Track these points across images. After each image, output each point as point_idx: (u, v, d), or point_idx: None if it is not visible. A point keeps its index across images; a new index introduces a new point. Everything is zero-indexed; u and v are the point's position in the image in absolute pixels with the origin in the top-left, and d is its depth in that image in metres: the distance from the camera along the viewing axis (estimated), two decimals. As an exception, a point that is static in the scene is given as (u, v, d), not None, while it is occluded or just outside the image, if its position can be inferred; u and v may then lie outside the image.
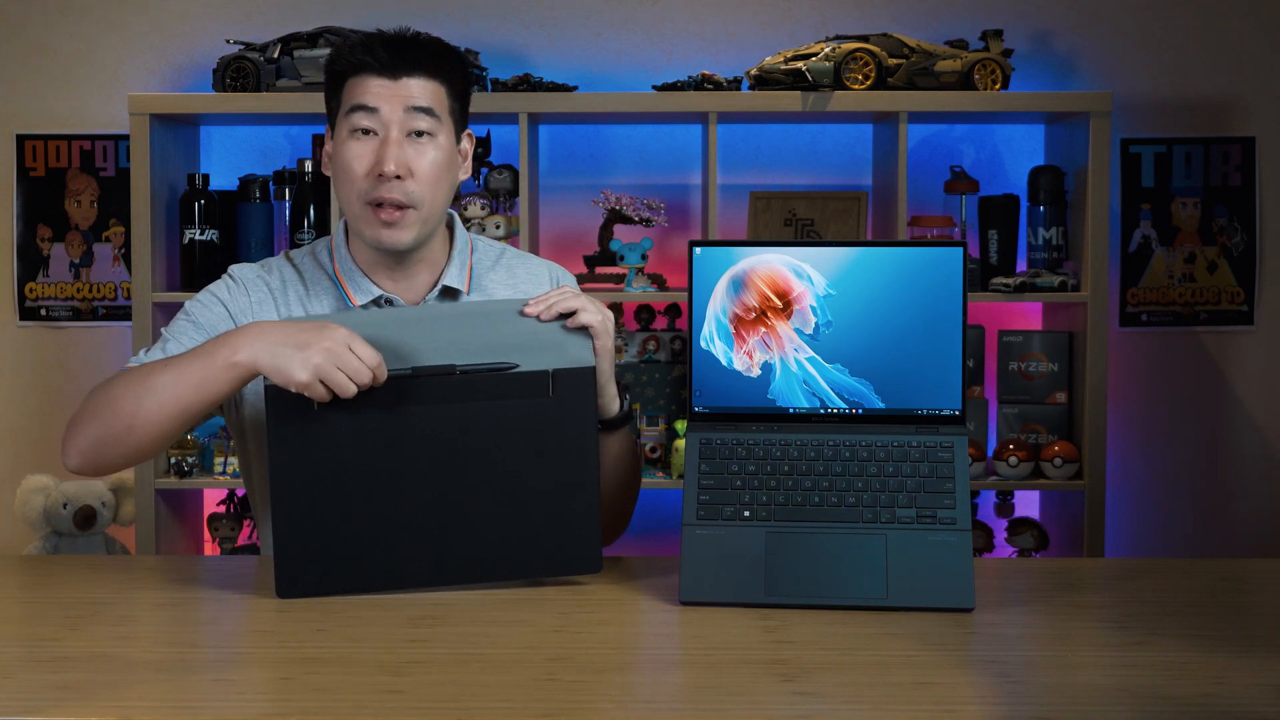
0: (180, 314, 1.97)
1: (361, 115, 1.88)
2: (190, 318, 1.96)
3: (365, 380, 1.68)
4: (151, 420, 1.76)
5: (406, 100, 1.88)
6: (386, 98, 1.88)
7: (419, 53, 1.90)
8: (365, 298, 1.95)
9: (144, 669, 1.47)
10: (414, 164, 1.89)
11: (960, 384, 1.77)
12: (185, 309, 1.97)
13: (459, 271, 1.99)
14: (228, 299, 1.97)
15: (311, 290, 1.99)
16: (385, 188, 1.88)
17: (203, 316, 1.95)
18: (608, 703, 1.37)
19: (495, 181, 3.26)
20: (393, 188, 1.88)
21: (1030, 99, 3.17)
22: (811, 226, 3.31)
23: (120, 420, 1.77)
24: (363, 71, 1.89)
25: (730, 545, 1.70)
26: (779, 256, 1.78)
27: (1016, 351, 3.29)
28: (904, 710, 1.34)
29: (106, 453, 1.79)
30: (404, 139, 1.88)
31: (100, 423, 1.78)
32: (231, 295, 1.98)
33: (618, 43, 3.45)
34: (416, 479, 1.72)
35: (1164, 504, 3.49)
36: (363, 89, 1.89)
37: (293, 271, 2.01)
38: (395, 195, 1.88)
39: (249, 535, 3.34)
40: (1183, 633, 1.59)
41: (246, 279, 2.00)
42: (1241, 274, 3.44)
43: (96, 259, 3.47)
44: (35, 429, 3.50)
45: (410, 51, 1.90)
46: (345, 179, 1.91)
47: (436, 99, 1.91)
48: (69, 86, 3.45)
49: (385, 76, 1.88)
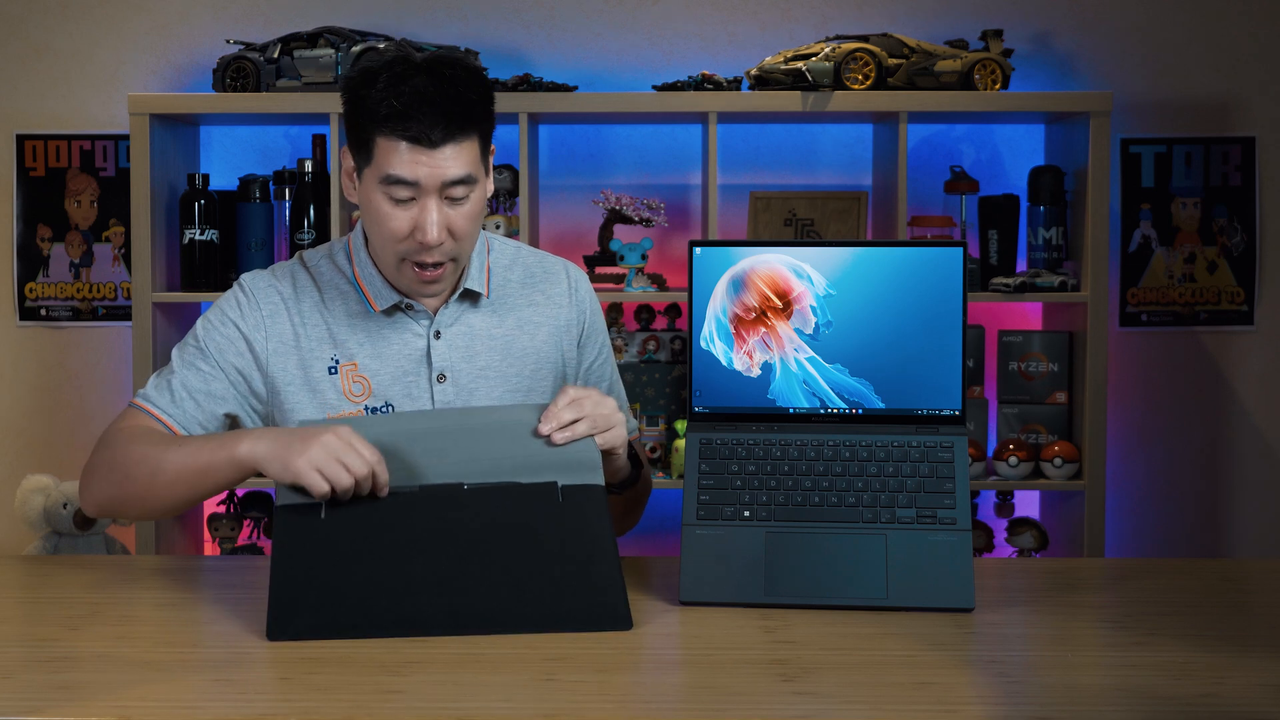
0: (190, 336, 1.95)
1: (399, 188, 1.81)
2: (200, 345, 1.93)
3: (363, 472, 1.66)
4: (162, 497, 1.82)
5: (443, 174, 1.80)
6: (424, 170, 1.79)
7: (453, 118, 1.79)
8: (386, 303, 1.93)
9: (144, 669, 1.47)
10: (454, 225, 1.84)
11: (960, 384, 1.77)
12: (196, 332, 1.95)
13: (479, 274, 1.97)
14: (239, 318, 1.94)
15: (327, 296, 1.96)
16: (427, 253, 1.84)
17: (213, 345, 1.93)
18: (608, 703, 1.37)
19: (495, 181, 3.25)
20: (434, 253, 1.84)
21: (1030, 99, 3.17)
22: (811, 226, 3.31)
23: (134, 489, 1.83)
24: (395, 138, 1.79)
25: (730, 545, 1.70)
26: (779, 256, 1.78)
27: (1016, 351, 3.29)
28: (904, 710, 1.34)
29: (123, 511, 1.88)
30: (442, 203, 1.82)
31: (115, 485, 1.84)
32: (243, 312, 1.94)
33: (618, 43, 3.45)
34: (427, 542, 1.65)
35: (1164, 504, 3.49)
36: (398, 160, 1.79)
37: (307, 277, 1.98)
38: (436, 257, 1.85)
39: (249, 535, 3.34)
40: (1183, 633, 1.59)
41: (257, 289, 1.96)
42: (1241, 274, 3.44)
43: (96, 259, 3.47)
44: (35, 429, 3.50)
45: (444, 119, 1.78)
46: (381, 234, 1.86)
47: (472, 161, 1.83)
48: (69, 86, 3.45)
49: (422, 147, 1.79)
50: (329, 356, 1.93)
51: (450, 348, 1.95)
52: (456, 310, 1.97)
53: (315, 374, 1.93)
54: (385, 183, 1.81)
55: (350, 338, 1.94)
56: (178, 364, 1.92)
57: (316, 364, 1.93)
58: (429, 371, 1.94)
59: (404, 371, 1.94)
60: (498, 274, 2.01)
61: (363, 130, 1.82)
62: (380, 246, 1.88)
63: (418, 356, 1.95)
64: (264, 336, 1.93)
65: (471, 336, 1.96)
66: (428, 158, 1.79)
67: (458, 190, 1.82)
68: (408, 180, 1.80)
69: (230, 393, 1.92)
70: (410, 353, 1.95)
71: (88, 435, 3.48)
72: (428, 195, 1.81)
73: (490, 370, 1.96)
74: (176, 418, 1.89)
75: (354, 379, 1.93)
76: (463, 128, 1.80)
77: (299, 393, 1.92)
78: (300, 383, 1.92)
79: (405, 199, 1.81)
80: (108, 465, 1.85)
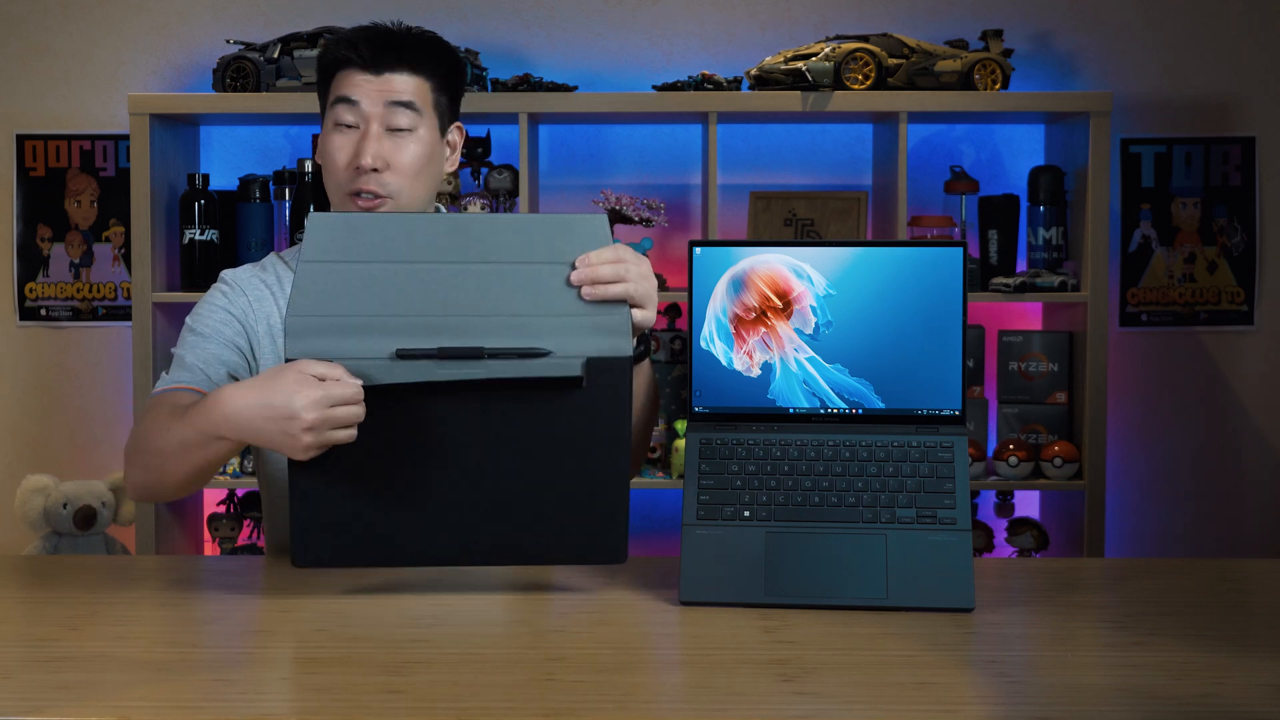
0: (184, 331, 1.98)
1: (344, 109, 1.92)
2: (193, 330, 1.96)
3: (361, 415, 1.61)
4: (177, 475, 1.79)
5: (387, 95, 1.91)
6: (368, 92, 1.91)
7: (403, 47, 1.93)
8: None
9: (144, 669, 1.47)
10: (392, 157, 1.92)
11: (960, 384, 1.77)
12: (188, 324, 1.98)
13: None
14: (227, 304, 1.98)
15: None
16: (363, 179, 1.91)
17: (209, 327, 1.95)
18: (608, 703, 1.37)
19: (495, 181, 3.26)
20: (370, 180, 1.91)
21: (1030, 99, 3.17)
22: (811, 226, 3.31)
23: (154, 471, 1.81)
24: (348, 66, 1.92)
25: (730, 545, 1.70)
26: (779, 256, 1.78)
27: (1016, 351, 3.29)
28: (904, 710, 1.34)
29: (155, 494, 1.87)
30: (384, 133, 1.92)
31: (142, 468, 1.83)
32: (230, 299, 1.99)
33: (618, 43, 3.45)
34: (441, 459, 1.66)
35: (1164, 504, 3.49)
36: (347, 82, 1.92)
37: (285, 269, 2.04)
38: (372, 186, 1.91)
39: (249, 535, 3.34)
40: (1183, 633, 1.58)
41: (240, 280, 2.01)
42: (1241, 274, 3.44)
43: (96, 259, 3.47)
44: (35, 429, 3.50)
45: (394, 46, 1.92)
46: (329, 170, 1.95)
47: (419, 93, 1.93)
48: (69, 86, 3.45)
49: (368, 71, 1.91)
50: None
51: None
52: None
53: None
54: (333, 105, 1.93)
55: None
56: (179, 352, 1.95)
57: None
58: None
59: None
60: None
61: (325, 75, 1.96)
62: (331, 189, 1.96)
63: None
64: (253, 318, 1.98)
65: None
66: (372, 81, 1.91)
67: (400, 117, 1.91)
68: (351, 98, 1.91)
69: (237, 359, 1.95)
70: None
71: (88, 435, 3.48)
72: (370, 120, 1.91)
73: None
74: (196, 380, 1.90)
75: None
76: (409, 62, 1.92)
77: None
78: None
79: (349, 123, 1.92)
80: (134, 449, 1.85)
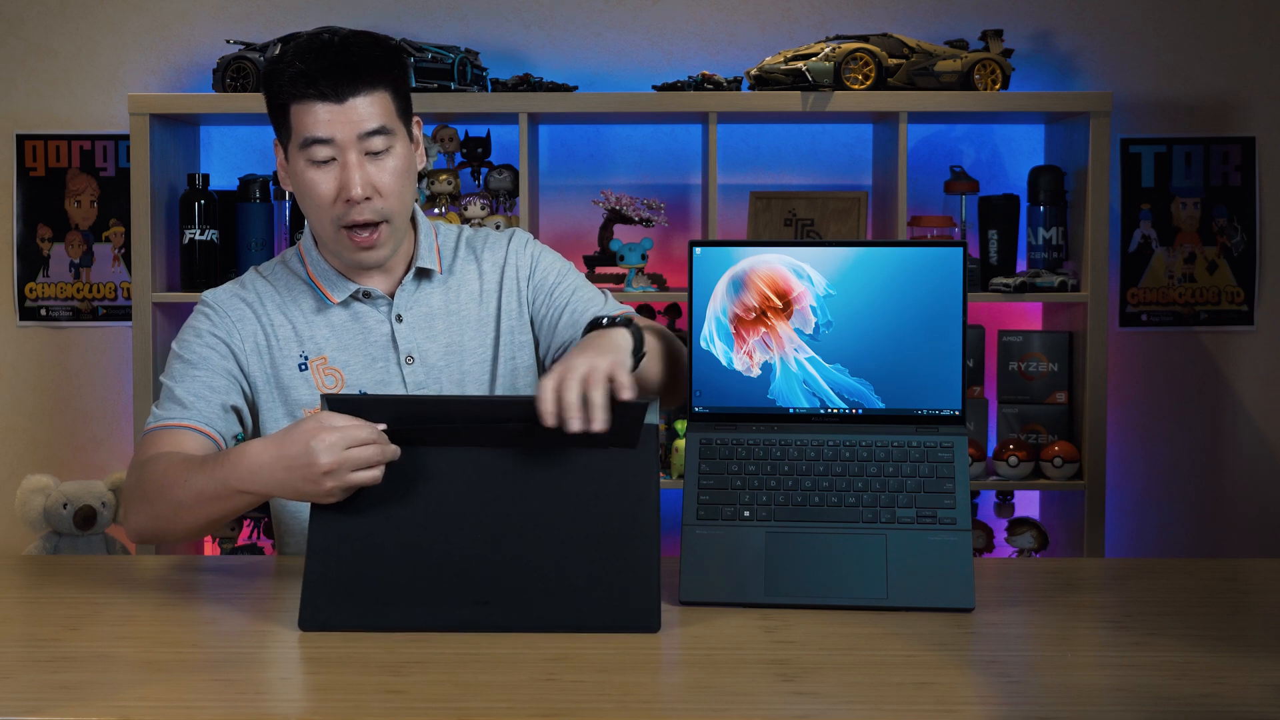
0: (171, 360, 1.98)
1: (317, 148, 1.87)
2: (184, 359, 1.96)
3: (382, 459, 1.61)
4: (191, 525, 1.82)
5: (358, 126, 1.86)
6: (338, 126, 1.85)
7: (359, 67, 1.86)
8: (343, 294, 1.98)
9: (144, 669, 1.47)
10: (378, 181, 1.88)
11: (960, 384, 1.77)
12: (175, 353, 1.98)
13: (429, 253, 2.02)
14: (212, 327, 1.98)
15: (287, 297, 2.00)
16: (356, 211, 1.88)
17: (197, 355, 1.95)
18: (608, 703, 1.37)
19: (495, 181, 3.26)
20: (363, 209, 1.88)
21: (1030, 99, 3.17)
22: (811, 226, 3.31)
23: (165, 520, 1.83)
24: (305, 100, 1.86)
25: (730, 545, 1.70)
26: (779, 256, 1.78)
27: (1016, 351, 3.29)
28: (904, 710, 1.34)
29: (160, 540, 1.89)
30: (362, 159, 1.87)
31: (151, 516, 1.84)
32: (214, 323, 1.98)
33: (618, 43, 3.45)
34: (461, 518, 1.62)
35: (1164, 504, 3.49)
36: (312, 120, 1.86)
37: (265, 284, 2.02)
38: (367, 216, 1.89)
39: (249, 535, 3.34)
40: (1183, 633, 1.59)
41: (221, 302, 2.00)
42: (1241, 274, 3.44)
43: (96, 259, 3.47)
44: (35, 429, 3.50)
45: (350, 69, 1.85)
46: (312, 205, 1.91)
47: (385, 113, 1.88)
48: (69, 86, 3.45)
49: (330, 101, 1.85)
50: (298, 354, 1.98)
51: (413, 329, 2.00)
52: (412, 290, 2.01)
53: (286, 373, 1.97)
54: (304, 147, 1.87)
55: (316, 333, 1.98)
56: (170, 383, 1.95)
57: (287, 363, 1.98)
58: (396, 355, 1.99)
59: (373, 359, 1.99)
60: (446, 253, 2.06)
61: (279, 108, 1.90)
62: (316, 222, 1.93)
63: (384, 342, 1.99)
64: (239, 339, 1.97)
65: (431, 316, 2.01)
66: (339, 112, 1.85)
67: (375, 142, 1.87)
68: (323, 138, 1.86)
69: (230, 386, 1.95)
70: (376, 339, 1.99)
71: (88, 435, 3.48)
72: (346, 151, 1.87)
73: (455, 346, 2.01)
74: (194, 418, 1.91)
75: (326, 372, 1.98)
76: (368, 81, 1.86)
77: (271, 394, 1.97)
78: (272, 383, 1.97)
79: (325, 159, 1.87)
80: (137, 498, 1.85)
